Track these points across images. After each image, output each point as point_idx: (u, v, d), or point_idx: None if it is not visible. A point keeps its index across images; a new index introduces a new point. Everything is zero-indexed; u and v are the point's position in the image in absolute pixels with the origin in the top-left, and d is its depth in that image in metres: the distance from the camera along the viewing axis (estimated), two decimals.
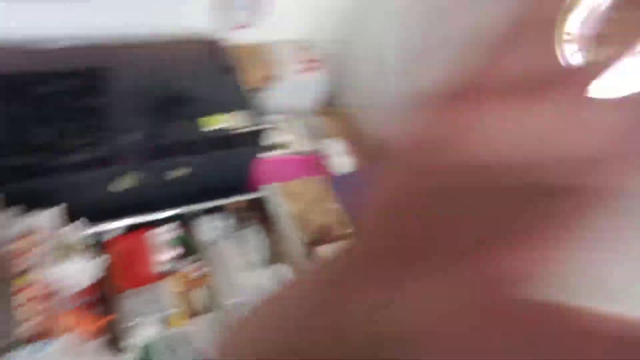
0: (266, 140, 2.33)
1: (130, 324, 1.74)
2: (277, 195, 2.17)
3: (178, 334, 1.79)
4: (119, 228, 1.98)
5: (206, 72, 2.17)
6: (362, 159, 2.51)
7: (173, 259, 2.02)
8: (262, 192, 2.19)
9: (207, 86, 2.10)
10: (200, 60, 2.22)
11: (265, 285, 1.96)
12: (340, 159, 2.36)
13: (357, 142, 2.67)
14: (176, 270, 2.00)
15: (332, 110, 2.77)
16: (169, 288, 1.89)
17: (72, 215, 1.78)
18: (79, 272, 1.62)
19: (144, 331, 1.75)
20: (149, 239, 2.01)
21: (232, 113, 2.00)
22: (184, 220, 2.11)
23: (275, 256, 2.15)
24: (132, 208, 2.02)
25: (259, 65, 2.39)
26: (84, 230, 1.80)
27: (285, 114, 2.57)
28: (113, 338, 1.72)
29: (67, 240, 1.71)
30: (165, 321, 1.82)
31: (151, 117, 1.91)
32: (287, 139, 2.45)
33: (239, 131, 1.98)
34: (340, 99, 2.88)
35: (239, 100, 2.09)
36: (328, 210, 2.15)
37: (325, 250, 1.96)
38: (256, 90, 2.40)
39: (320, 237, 2.04)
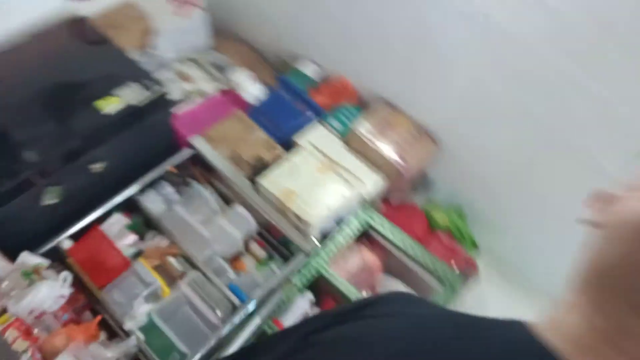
0: (171, 97, 2.30)
1: (124, 311, 1.85)
2: (204, 146, 2.21)
3: (170, 300, 1.92)
4: (72, 234, 2.00)
5: (83, 53, 2.06)
6: (268, 78, 2.53)
7: (136, 241, 2.09)
8: (190, 148, 2.22)
9: (89, 67, 2.01)
10: (71, 44, 2.09)
11: (231, 230, 2.08)
12: (250, 86, 2.37)
13: (259, 63, 2.66)
14: (143, 249, 2.09)
15: (226, 42, 2.70)
16: (144, 267, 1.98)
17: (19, 242, 1.79)
18: (50, 292, 1.68)
19: (140, 310, 1.87)
20: (104, 232, 2.05)
21: (126, 86, 1.95)
22: (131, 202, 2.14)
23: (227, 200, 2.25)
24: (75, 212, 2.03)
25: (132, 25, 2.27)
26: (36, 254, 1.82)
27: (180, 61, 2.50)
28: (112, 332, 1.84)
29: (26, 269, 1.74)
30: (155, 294, 1.94)
31: (48, 120, 1.84)
32: (192, 86, 2.42)
33: (140, 103, 1.95)
34: (230, 27, 2.79)
35: (126, 69, 2.02)
36: (255, 141, 2.22)
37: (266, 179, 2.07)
38: (140, 50, 2.31)
39: (257, 168, 2.13)
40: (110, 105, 1.90)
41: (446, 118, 2.10)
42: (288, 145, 2.28)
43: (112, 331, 1.86)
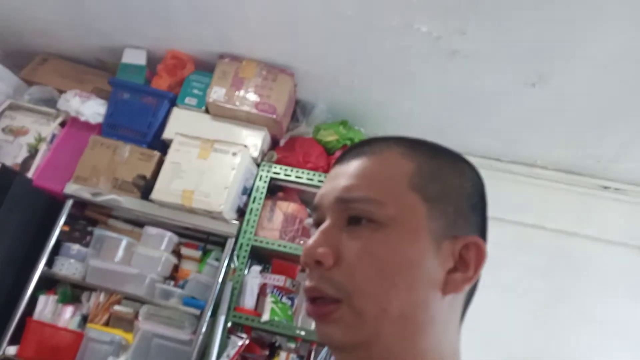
0: (16, 161, 2.11)
1: None
2: (80, 190, 2.08)
3: (137, 342, 1.96)
4: (11, 340, 1.94)
5: None
6: (102, 83, 2.32)
7: (74, 311, 2.06)
8: (69, 198, 2.09)
9: None
10: None
11: (152, 252, 2.07)
12: (86, 106, 2.17)
13: (84, 73, 2.41)
14: (86, 314, 2.07)
15: (37, 67, 2.40)
16: (96, 329, 1.98)
17: None
18: None
19: None
20: (41, 320, 2.00)
21: None
22: (47, 278, 2.06)
23: (137, 223, 2.19)
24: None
25: None
26: None
27: (1, 116, 2.23)
28: None
29: None
30: (121, 346, 1.98)
31: None
32: (31, 137, 2.19)
33: None
34: (26, 47, 2.46)
35: None
36: (129, 158, 2.12)
37: None
38: None
39: (146, 184, 2.06)
40: None
41: (291, 47, 2.04)
42: (160, 143, 2.19)
43: None
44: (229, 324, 1.95)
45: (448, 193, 0.49)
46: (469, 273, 0.47)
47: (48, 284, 2.11)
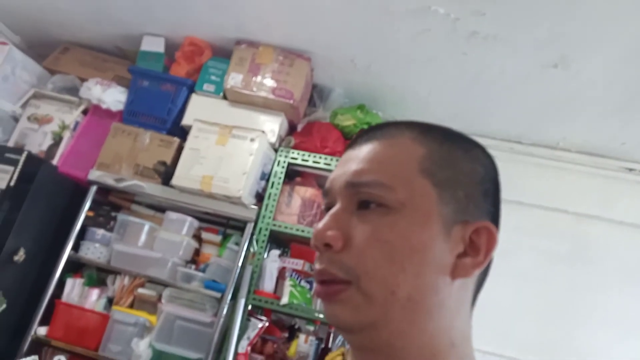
0: (41, 148, 2.17)
1: (127, 357, 1.96)
2: (104, 176, 2.13)
3: (161, 324, 2.02)
4: (42, 321, 2.02)
5: None
6: (123, 72, 2.35)
7: (100, 293, 2.13)
8: (92, 184, 2.14)
9: None
10: None
11: (174, 237, 2.11)
12: (107, 94, 2.21)
13: (105, 61, 2.45)
14: (111, 296, 2.13)
15: (59, 56, 2.45)
16: (121, 311, 2.05)
17: None
18: None
19: (141, 348, 1.98)
20: (68, 302, 2.08)
21: None
22: (74, 262, 2.13)
23: (158, 208, 2.24)
24: (26, 306, 2.04)
25: None
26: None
27: (26, 105, 2.29)
28: None
29: None
30: (145, 327, 2.04)
31: None
32: (54, 125, 2.25)
33: (11, 182, 1.84)
34: (48, 37, 2.51)
35: None
36: (149, 145, 2.15)
37: None
38: None
39: (166, 170, 2.10)
40: None
41: (307, 32, 2.03)
42: (179, 130, 2.22)
43: None
44: (249, 307, 1.99)
45: (459, 178, 0.49)
46: (479, 258, 0.47)
47: (75, 267, 2.18)
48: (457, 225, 0.47)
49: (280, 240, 2.24)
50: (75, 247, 2.13)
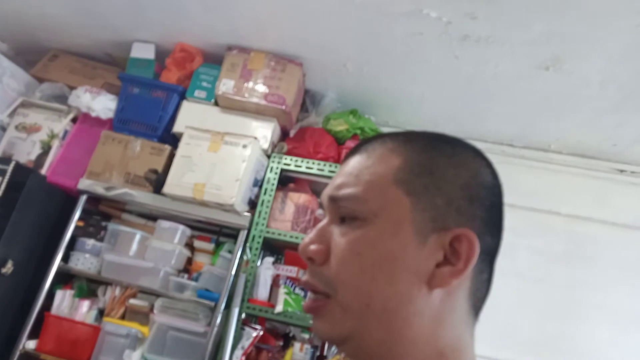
0: (29, 158, 2.13)
1: None
2: (94, 185, 2.10)
3: (153, 335, 1.99)
4: (30, 334, 1.98)
5: None
6: (113, 79, 2.32)
7: (91, 305, 2.09)
8: (82, 194, 2.11)
9: None
10: None
11: (165, 245, 2.08)
12: (96, 102, 2.18)
13: (95, 68, 2.42)
14: (102, 307, 2.09)
15: (48, 64, 2.42)
16: (113, 323, 2.01)
17: None
18: None
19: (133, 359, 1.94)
20: (58, 314, 2.03)
21: None
22: (63, 273, 2.09)
23: (149, 217, 2.21)
24: (15, 318, 1.99)
25: None
26: None
27: (14, 114, 2.25)
28: None
29: None
30: (137, 338, 2.00)
31: None
32: (43, 133, 2.21)
33: None
34: (37, 44, 2.48)
35: None
36: (140, 153, 2.12)
37: None
38: None
39: (157, 178, 2.07)
40: None
41: (299, 37, 2.02)
42: (171, 137, 2.19)
43: None
44: (243, 316, 1.96)
45: (439, 184, 0.47)
46: (459, 266, 0.45)
47: (64, 278, 2.14)
48: (434, 233, 0.46)
49: (273, 247, 2.22)
50: (65, 258, 2.09)
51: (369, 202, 0.47)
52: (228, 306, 1.96)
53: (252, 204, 2.12)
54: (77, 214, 2.11)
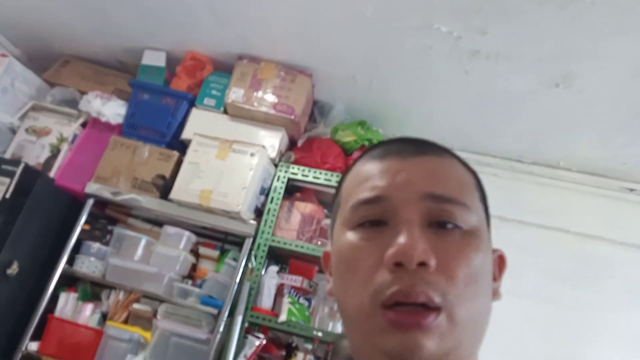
0: (39, 161, 2.15)
1: None
2: (101, 189, 2.11)
3: (155, 340, 1.98)
4: (33, 336, 1.98)
5: None
6: (124, 85, 2.34)
7: (94, 308, 2.09)
8: (89, 198, 2.12)
9: None
10: None
11: (170, 252, 2.09)
12: (106, 107, 2.20)
13: (106, 75, 2.44)
14: (105, 312, 2.09)
15: (60, 69, 2.44)
16: (116, 327, 2.00)
17: None
18: None
19: None
20: (61, 317, 2.03)
21: None
22: (68, 276, 2.09)
23: (155, 222, 2.22)
24: (20, 320, 1.99)
25: None
26: None
27: (25, 118, 2.28)
28: None
29: None
30: (139, 343, 2.00)
31: None
32: (53, 137, 2.23)
33: (6, 194, 1.82)
34: (50, 50, 2.51)
35: None
36: (148, 158, 2.13)
37: None
38: None
39: (165, 184, 2.08)
40: None
41: (310, 48, 2.03)
42: (179, 144, 2.21)
43: None
44: (246, 324, 1.95)
45: (487, 205, 0.51)
46: (499, 282, 0.50)
47: (69, 281, 2.14)
48: (491, 253, 0.49)
49: (278, 256, 2.21)
50: (70, 261, 2.10)
51: (472, 214, 0.46)
52: (231, 314, 1.96)
53: (258, 212, 2.12)
54: (83, 218, 2.11)
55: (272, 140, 2.14)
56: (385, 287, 0.42)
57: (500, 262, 0.51)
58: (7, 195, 1.83)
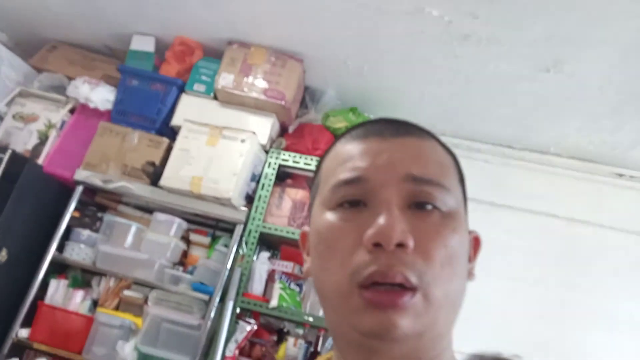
0: (26, 147, 2.13)
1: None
2: (90, 176, 2.09)
3: (147, 326, 1.98)
4: (24, 323, 1.98)
5: None
6: (112, 70, 2.31)
7: (85, 295, 2.09)
8: (79, 184, 2.10)
9: None
10: None
11: (161, 238, 2.08)
12: (94, 93, 2.17)
13: (93, 60, 2.41)
14: (96, 298, 2.09)
15: (47, 54, 2.41)
16: (106, 314, 2.00)
17: None
18: None
19: (126, 351, 1.94)
20: (52, 304, 2.03)
21: None
22: (58, 263, 2.09)
23: (146, 209, 2.20)
24: (10, 303, 1.99)
25: None
26: None
27: (11, 104, 2.24)
28: None
29: None
30: (130, 330, 2.00)
31: None
32: (41, 123, 2.20)
33: None
34: (36, 35, 2.47)
35: None
36: (138, 145, 2.12)
37: None
38: None
39: (155, 171, 2.07)
40: None
41: (300, 33, 2.01)
42: (169, 130, 2.19)
43: None
44: (238, 310, 1.95)
45: (465, 187, 0.51)
46: (474, 263, 0.50)
47: (59, 268, 2.14)
48: (468, 234, 0.50)
49: (270, 243, 2.21)
50: (60, 248, 2.09)
51: (451, 196, 0.46)
52: (222, 300, 1.96)
53: (249, 199, 2.11)
54: (72, 205, 2.10)
55: (263, 127, 2.13)
56: (363, 267, 0.42)
57: (475, 244, 0.51)
58: None
